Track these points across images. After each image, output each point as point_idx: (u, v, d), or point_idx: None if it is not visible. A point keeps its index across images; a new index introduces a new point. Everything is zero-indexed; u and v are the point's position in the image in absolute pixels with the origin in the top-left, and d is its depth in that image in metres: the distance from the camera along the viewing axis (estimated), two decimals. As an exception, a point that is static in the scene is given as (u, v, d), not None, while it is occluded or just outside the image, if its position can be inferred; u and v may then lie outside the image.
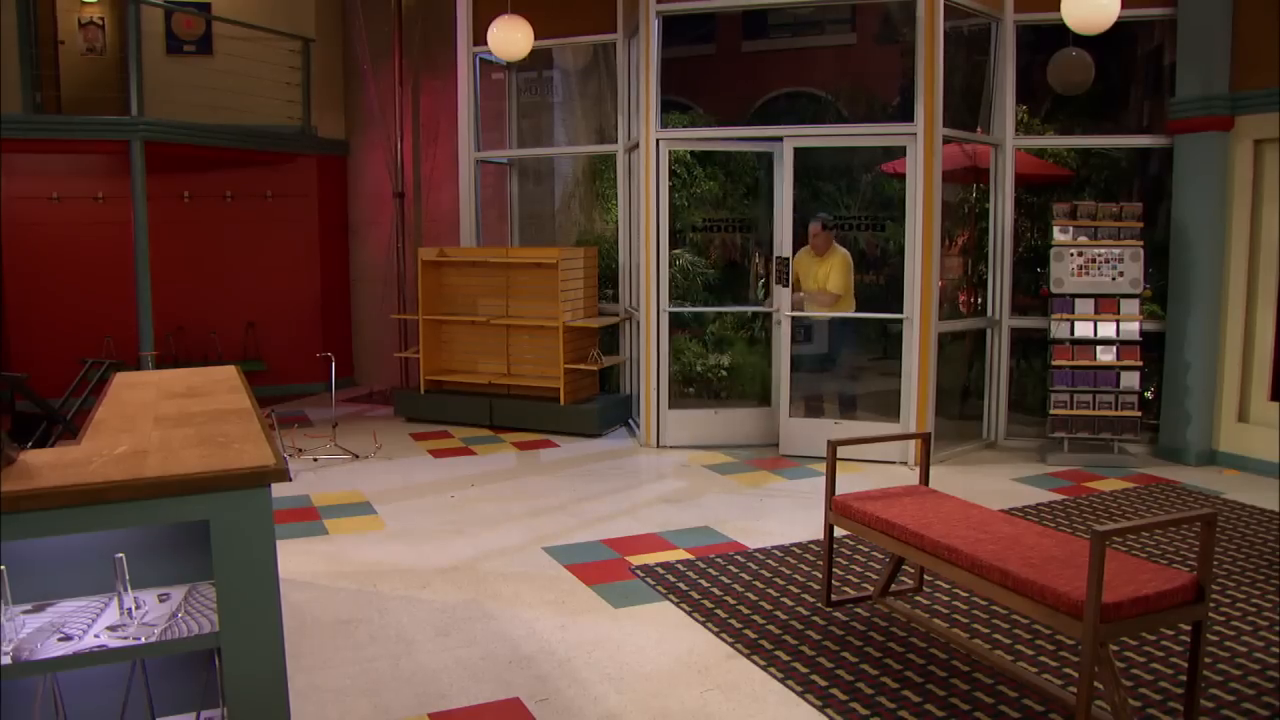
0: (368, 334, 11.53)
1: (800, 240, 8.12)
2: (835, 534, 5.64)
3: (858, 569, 5.36)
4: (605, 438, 8.65)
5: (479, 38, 9.25)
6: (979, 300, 8.94)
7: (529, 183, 10.44)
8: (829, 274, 8.10)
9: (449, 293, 9.36)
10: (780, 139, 7.85)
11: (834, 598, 4.88)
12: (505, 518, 6.37)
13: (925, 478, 4.88)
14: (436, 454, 8.15)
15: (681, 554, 5.62)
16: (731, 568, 5.39)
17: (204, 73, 10.39)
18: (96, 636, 2.74)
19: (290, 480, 2.74)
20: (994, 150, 8.31)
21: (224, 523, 2.69)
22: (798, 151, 7.76)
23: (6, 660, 2.60)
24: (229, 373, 4.55)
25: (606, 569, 5.40)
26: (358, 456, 8.01)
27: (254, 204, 10.93)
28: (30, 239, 10.30)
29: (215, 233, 10.82)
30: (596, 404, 8.81)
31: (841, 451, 5.76)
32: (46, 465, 2.78)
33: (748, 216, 9.77)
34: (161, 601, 2.95)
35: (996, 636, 4.47)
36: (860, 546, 5.71)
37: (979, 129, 8.43)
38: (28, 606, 2.89)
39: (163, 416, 3.48)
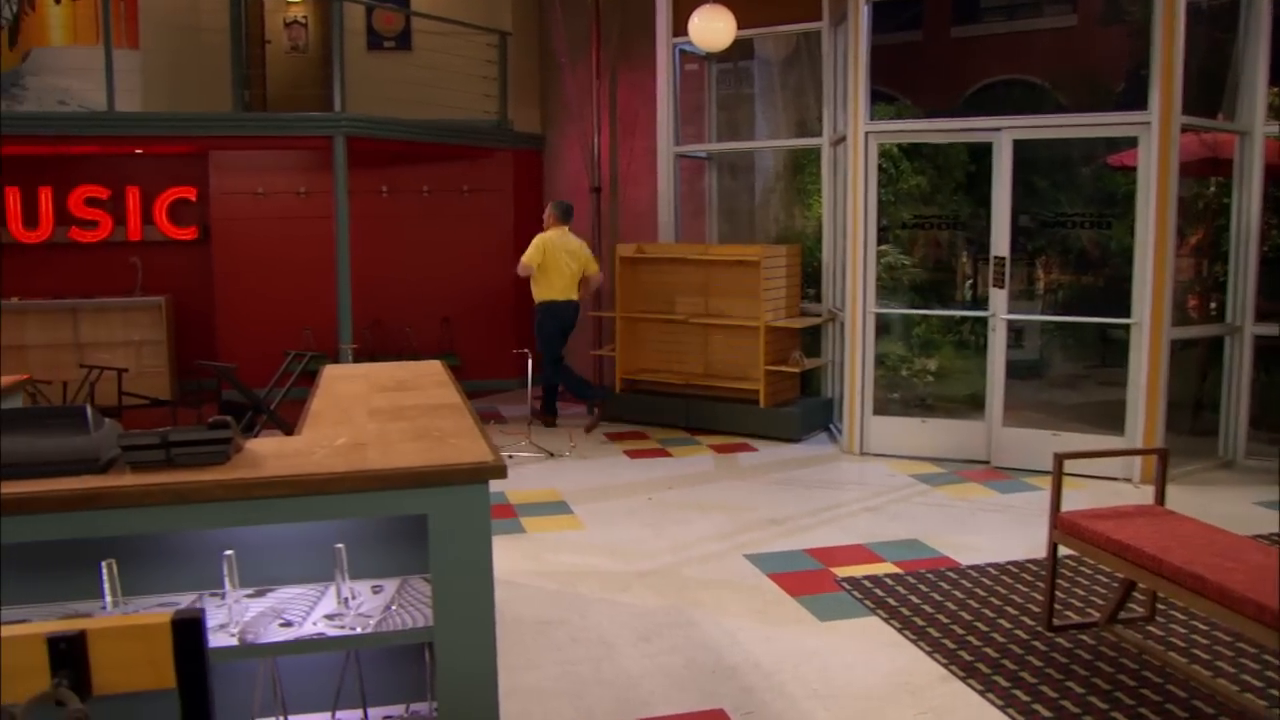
0: (562, 330, 11.75)
1: (1017, 239, 7.84)
2: (1060, 554, 5.41)
3: (1080, 592, 5.13)
4: (805, 443, 8.57)
5: (679, 29, 9.30)
6: (1214, 305, 8.45)
7: (727, 177, 10.44)
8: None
9: (646, 290, 9.45)
10: (998, 130, 7.60)
11: (1056, 622, 4.68)
12: (704, 522, 6.38)
13: (1161, 497, 4.63)
14: (632, 454, 8.24)
15: (889, 567, 5.51)
16: (943, 584, 5.24)
17: (403, 68, 10.81)
18: (315, 624, 2.87)
19: (506, 478, 2.80)
20: (1239, 139, 7.82)
21: (442, 518, 2.78)
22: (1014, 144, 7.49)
23: (233, 642, 2.76)
24: (435, 367, 4.71)
25: (810, 579, 5.33)
26: (553, 455, 8.18)
27: (450, 199, 11.30)
28: (237, 233, 10.94)
29: (412, 227, 11.24)
30: (797, 408, 8.73)
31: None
32: (272, 454, 2.93)
33: (957, 213, 9.51)
34: (375, 593, 3.07)
35: (1245, 677, 4.19)
36: (1082, 568, 5.47)
37: (1220, 115, 7.95)
38: (249, 591, 3.06)
39: (376, 409, 3.63)
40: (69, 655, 1.42)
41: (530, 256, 9.07)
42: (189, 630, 1.47)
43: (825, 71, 8.82)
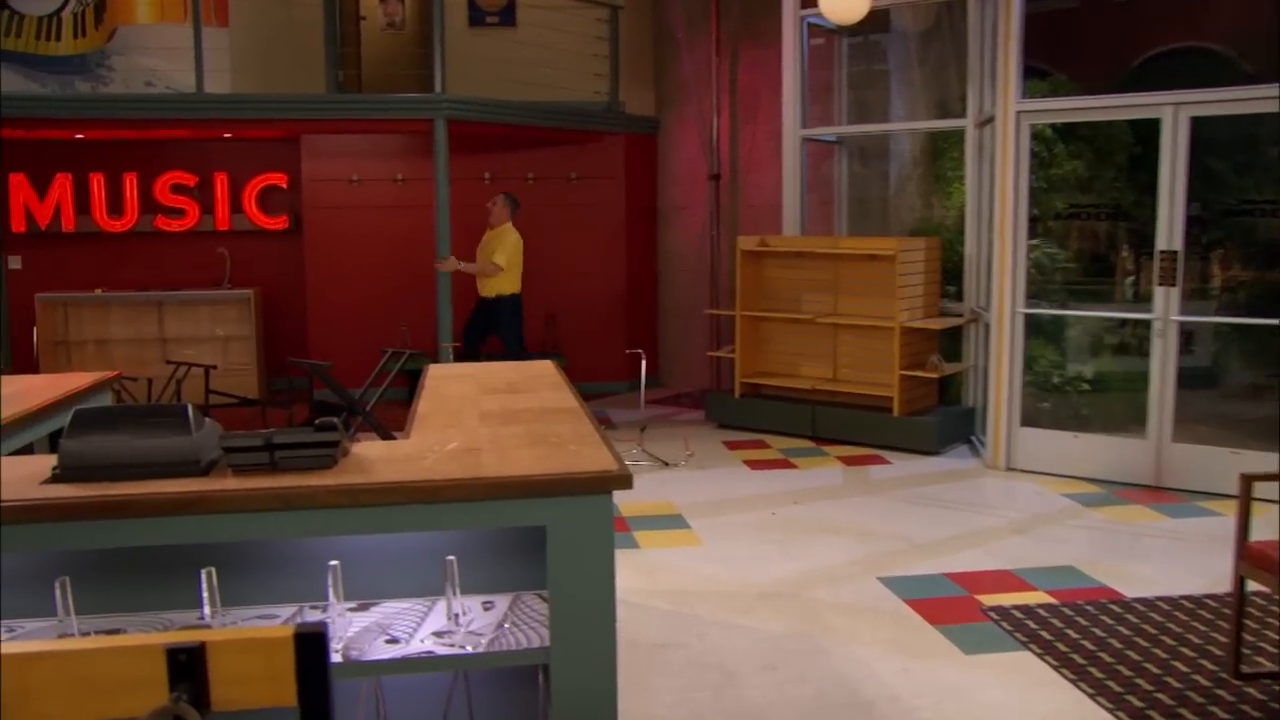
0: (676, 330, 11.78)
1: (1189, 230, 7.60)
2: (1247, 588, 5.22)
3: (1273, 635, 4.93)
4: (944, 456, 8.43)
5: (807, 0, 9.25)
6: None
7: (858, 163, 10.33)
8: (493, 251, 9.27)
9: (769, 286, 9.40)
10: (1172, 106, 7.37)
11: (1244, 669, 4.50)
12: (833, 541, 6.32)
13: (1369, 525, 4.43)
14: (753, 465, 8.22)
15: (1042, 596, 5.38)
16: (1105, 618, 5.10)
17: (507, 46, 10.95)
18: (423, 642, 2.90)
19: (632, 488, 2.80)
20: None
21: (562, 530, 2.79)
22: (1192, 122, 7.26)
23: (336, 659, 2.80)
24: (547, 368, 4.75)
25: (953, 607, 5.24)
26: (667, 464, 8.20)
27: (557, 186, 11.40)
28: (330, 222, 11.19)
29: (516, 217, 11.35)
30: (935, 417, 8.60)
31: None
32: (380, 459, 2.97)
33: (1118, 201, 9.26)
34: (486, 610, 3.09)
35: None
36: (1272, 607, 5.27)
37: None
38: (353, 605, 3.11)
39: (487, 413, 3.66)
40: (188, 668, 1.45)
41: (511, 259, 9.45)
42: (312, 645, 1.49)
43: (971, 45, 8.67)
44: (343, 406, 8.31)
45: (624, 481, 2.79)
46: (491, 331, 9.58)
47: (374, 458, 2.98)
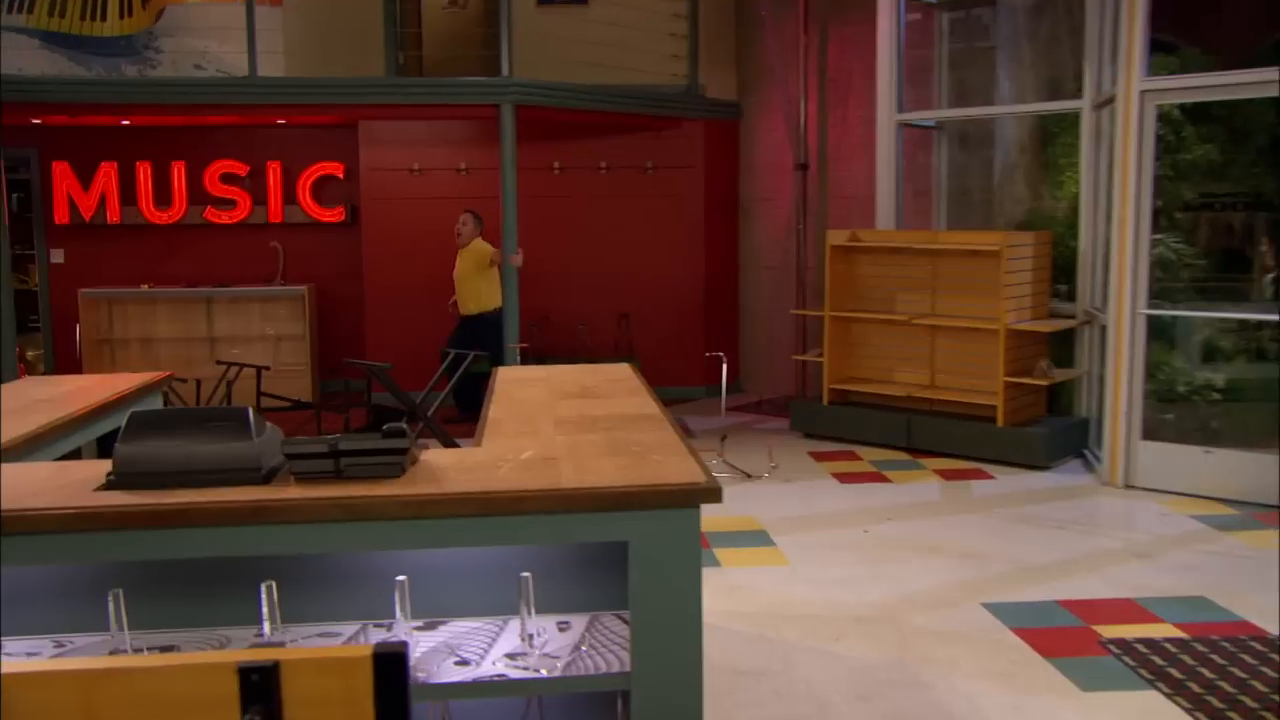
0: (758, 331, 11.77)
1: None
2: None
3: None
4: (1054, 471, 8.32)
5: (906, -29, 9.20)
6: None
7: (959, 150, 10.23)
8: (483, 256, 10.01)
9: (861, 284, 9.35)
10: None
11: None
12: (932, 562, 6.27)
13: None
14: (842, 478, 8.19)
15: (1169, 630, 5.29)
16: (1245, 656, 4.99)
17: (579, 25, 10.98)
18: (495, 664, 2.92)
19: (721, 501, 2.81)
20: None
21: (646, 547, 2.80)
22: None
23: (403, 682, 2.82)
24: (625, 371, 4.77)
25: (1068, 638, 5.17)
26: (750, 476, 8.18)
27: (632, 177, 11.44)
28: (389, 214, 11.33)
29: (587, 209, 11.43)
30: (1043, 428, 8.49)
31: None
32: (451, 468, 3.00)
33: (1257, 190, 9.08)
34: (562, 631, 3.11)
35: None
36: None
37: None
38: (419, 623, 3.14)
39: (563, 419, 3.69)
40: (261, 688, 1.46)
41: (495, 256, 9.89)
42: (392, 666, 1.50)
43: (1089, 17, 8.55)
44: (402, 411, 8.41)
45: (712, 495, 2.79)
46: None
47: (444, 467, 3.01)
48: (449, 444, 7.88)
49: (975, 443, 8.63)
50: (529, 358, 9.58)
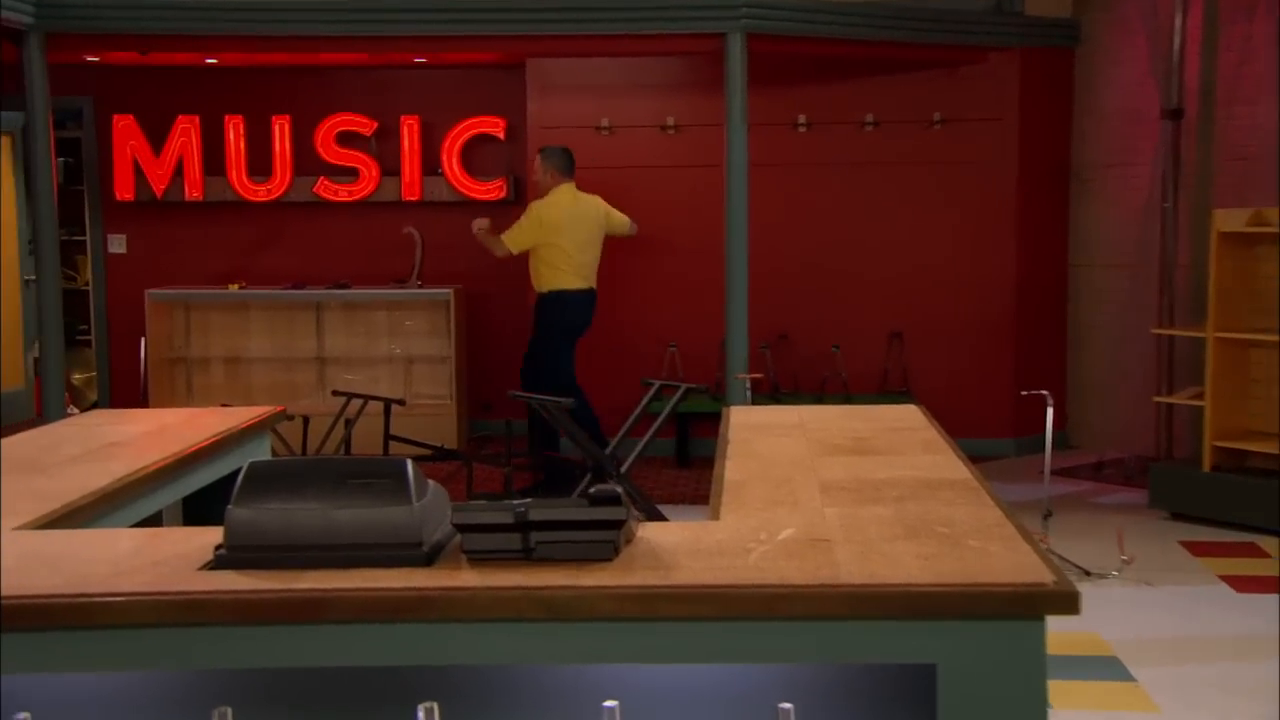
0: (1097, 360, 11.58)
1: None
2: None
3: None
4: None
5: None
6: None
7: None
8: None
9: (1266, 291, 9.06)
10: None
11: None
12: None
13: None
14: (1239, 583, 7.98)
15: None
16: None
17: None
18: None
19: (1079, 612, 2.77)
20: None
21: (962, 674, 2.75)
22: None
23: None
24: (913, 416, 4.76)
25: None
26: (1089, 574, 8.03)
27: (911, 135, 11.36)
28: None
29: (845, 183, 11.43)
30: None
31: None
32: (681, 550, 3.01)
33: None
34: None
35: None
36: None
37: None
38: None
39: (831, 484, 3.68)
40: None
41: (517, 239, 10.13)
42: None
43: None
44: (583, 465, 8.46)
45: (1064, 603, 2.74)
46: None
47: (670, 548, 3.03)
48: (653, 514, 7.93)
49: None
50: (761, 394, 9.57)
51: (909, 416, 4.76)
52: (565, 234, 10.12)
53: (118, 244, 12.15)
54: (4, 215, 12.45)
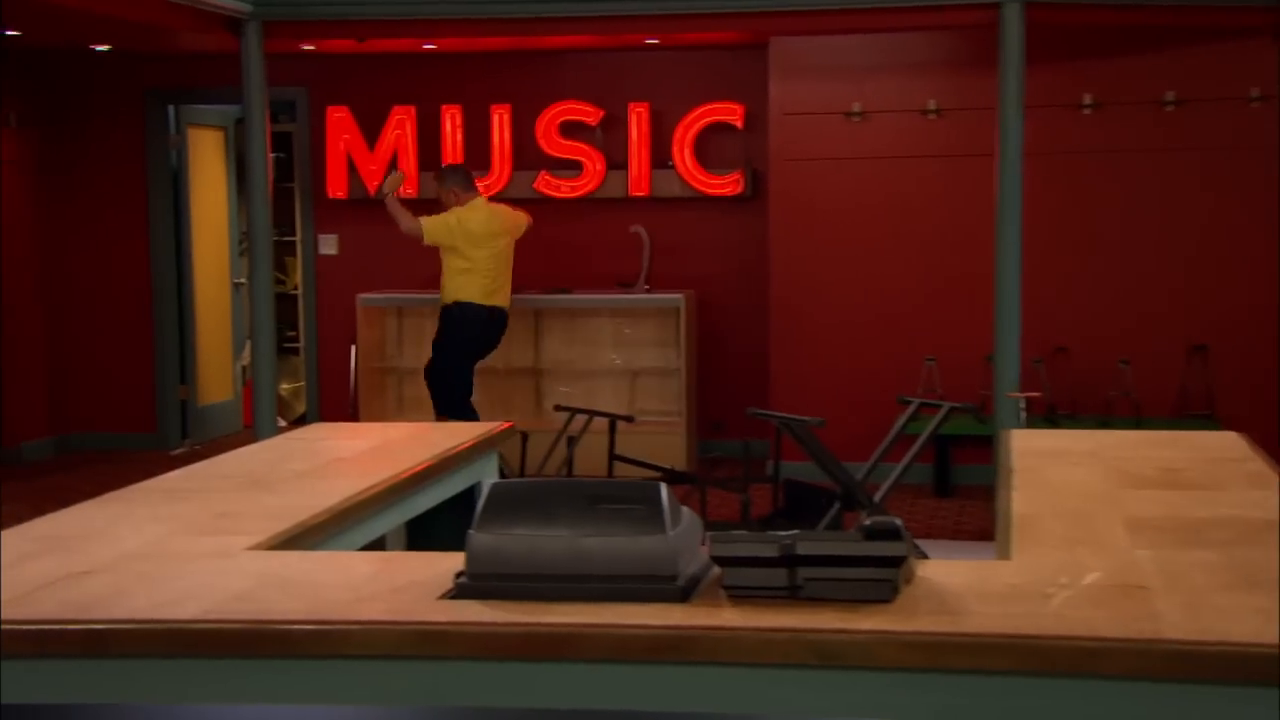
0: None
1: None
2: None
3: None
4: None
5: None
6: None
7: None
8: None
9: None
10: None
11: None
12: None
13: None
14: None
15: None
16: None
17: None
18: None
19: None
20: None
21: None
22: None
23: None
24: (1234, 446, 4.64)
25: None
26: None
27: (1220, 115, 10.94)
28: (812, 183, 11.39)
29: (1138, 172, 11.11)
30: None
31: None
32: (969, 593, 2.94)
33: None
34: None
35: None
36: None
37: None
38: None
39: (1141, 521, 3.60)
40: None
41: (432, 227, 10.51)
42: None
43: None
44: (833, 492, 8.38)
45: None
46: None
47: (956, 590, 2.97)
48: (914, 551, 7.80)
49: None
50: (1035, 415, 9.34)
51: (1230, 445, 4.65)
52: (483, 245, 10.58)
53: (329, 245, 12.36)
54: (215, 215, 12.76)
